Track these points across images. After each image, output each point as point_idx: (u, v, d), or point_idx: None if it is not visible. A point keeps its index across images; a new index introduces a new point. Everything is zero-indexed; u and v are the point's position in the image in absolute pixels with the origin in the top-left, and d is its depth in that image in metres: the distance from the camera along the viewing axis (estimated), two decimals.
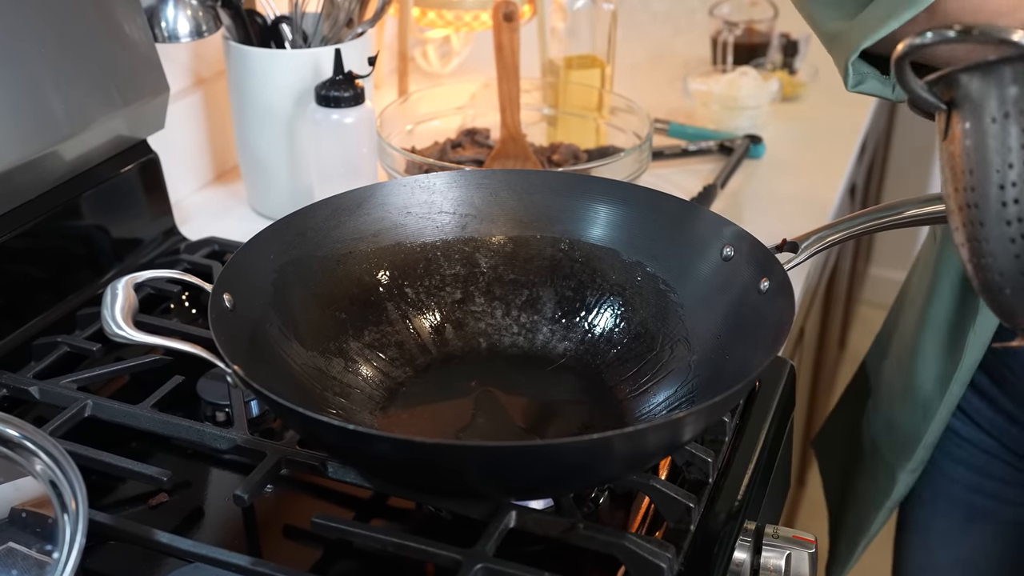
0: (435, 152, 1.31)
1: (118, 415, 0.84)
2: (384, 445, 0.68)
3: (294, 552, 0.76)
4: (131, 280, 0.80)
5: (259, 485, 0.76)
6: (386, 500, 0.80)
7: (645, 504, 0.79)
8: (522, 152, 1.29)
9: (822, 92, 1.69)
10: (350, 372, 0.86)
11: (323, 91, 1.14)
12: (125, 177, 1.08)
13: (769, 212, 1.31)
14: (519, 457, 0.67)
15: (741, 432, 0.86)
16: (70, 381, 0.87)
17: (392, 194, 0.93)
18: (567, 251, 0.94)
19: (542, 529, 0.71)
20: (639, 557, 0.68)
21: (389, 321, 0.90)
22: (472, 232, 0.94)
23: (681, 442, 0.74)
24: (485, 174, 0.96)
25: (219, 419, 0.87)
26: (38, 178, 0.98)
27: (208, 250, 1.10)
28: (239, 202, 1.31)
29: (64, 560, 0.64)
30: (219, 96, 1.33)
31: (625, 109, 1.35)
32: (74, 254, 1.04)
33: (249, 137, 1.24)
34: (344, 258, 0.90)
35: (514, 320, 0.93)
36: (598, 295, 0.92)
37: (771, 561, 0.80)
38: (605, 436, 0.68)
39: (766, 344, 0.76)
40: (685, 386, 0.84)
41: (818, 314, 1.80)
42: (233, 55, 1.20)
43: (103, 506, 0.77)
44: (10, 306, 0.96)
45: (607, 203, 0.93)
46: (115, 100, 1.03)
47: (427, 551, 0.69)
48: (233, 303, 0.79)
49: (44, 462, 0.66)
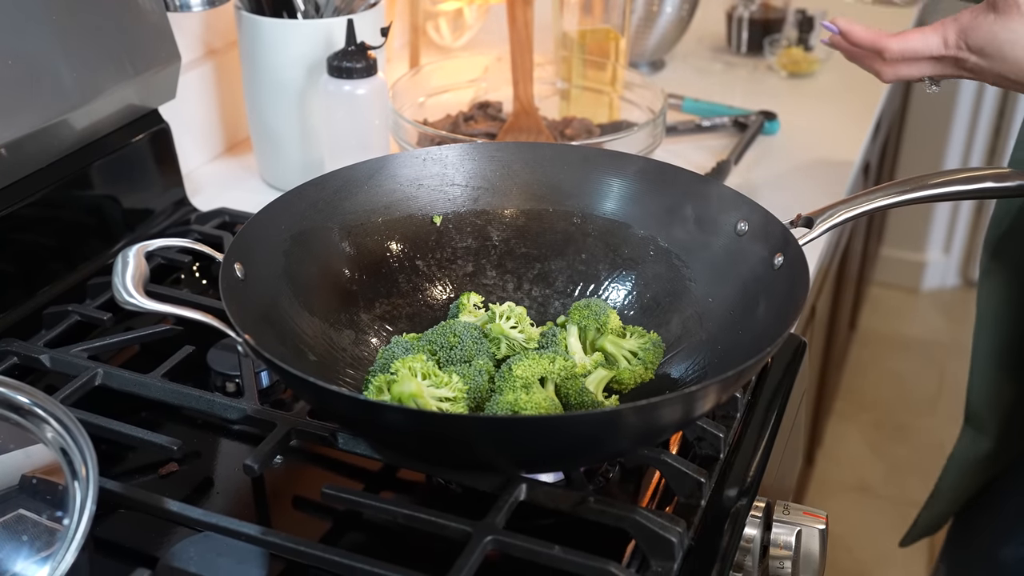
0: (447, 125, 1.30)
1: (128, 384, 0.84)
2: (395, 416, 0.68)
3: (304, 523, 0.76)
4: (142, 248, 0.79)
5: (269, 455, 0.76)
6: (396, 472, 0.80)
7: (656, 479, 0.78)
8: (535, 126, 1.28)
9: (837, 69, 1.67)
10: (361, 343, 0.86)
11: (335, 62, 1.14)
12: (136, 147, 1.08)
13: (783, 188, 1.30)
14: (530, 429, 0.66)
15: (753, 408, 0.86)
16: (81, 350, 0.87)
17: (404, 166, 0.92)
18: (579, 225, 0.93)
19: (552, 502, 0.71)
20: (650, 531, 0.68)
21: (400, 293, 0.90)
22: (484, 205, 0.94)
23: (693, 417, 0.74)
24: (498, 147, 0.95)
25: (229, 389, 0.87)
26: (48, 147, 0.97)
27: (219, 221, 1.10)
28: (250, 173, 1.30)
29: (75, 526, 0.64)
30: (231, 67, 1.33)
31: (639, 84, 1.34)
32: (85, 224, 1.04)
33: (260, 108, 1.23)
34: (355, 229, 0.90)
35: (525, 293, 0.93)
36: (610, 269, 0.92)
37: (781, 537, 0.80)
38: (616, 409, 0.68)
39: (779, 320, 0.76)
40: (697, 361, 0.83)
41: (829, 294, 1.79)
42: (245, 25, 1.19)
43: (113, 475, 0.77)
44: (21, 275, 0.96)
45: (620, 177, 0.93)
46: (126, 69, 1.03)
47: (437, 522, 0.69)
48: (244, 273, 0.78)
49: (55, 429, 0.66)
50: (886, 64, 0.84)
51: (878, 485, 2.33)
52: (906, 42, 0.81)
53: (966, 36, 0.79)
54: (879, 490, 2.32)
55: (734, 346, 0.81)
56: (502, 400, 0.75)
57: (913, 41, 0.81)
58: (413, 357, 0.77)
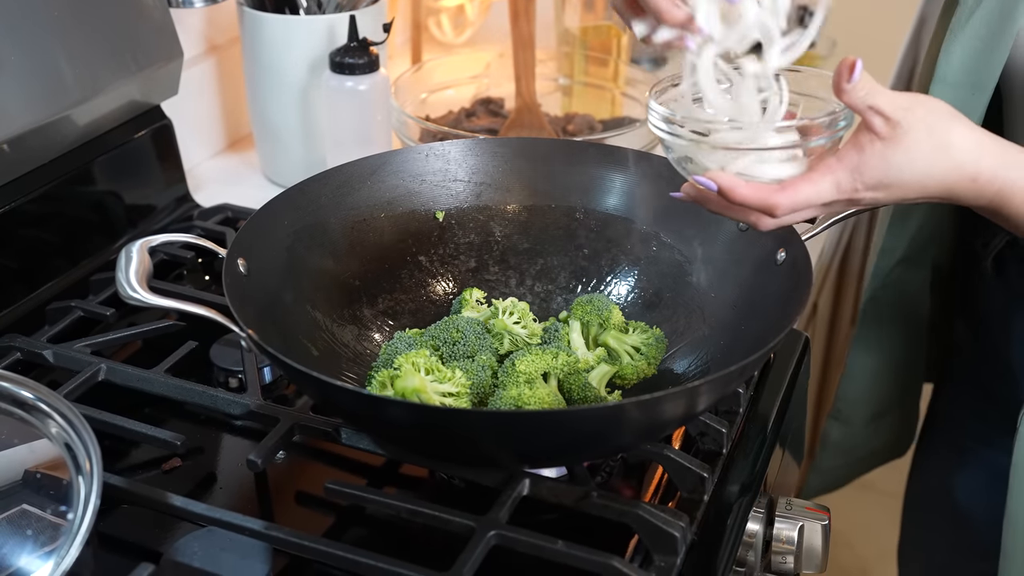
0: (449, 121, 1.30)
1: (132, 379, 0.84)
2: (398, 410, 0.68)
3: (307, 518, 0.76)
4: (146, 243, 0.79)
5: (272, 450, 0.76)
6: (399, 467, 0.80)
7: (658, 474, 0.78)
8: (537, 122, 1.28)
9: None
10: (363, 339, 0.86)
11: (337, 58, 1.13)
12: (138, 143, 1.08)
13: None
14: (533, 423, 0.66)
15: (755, 403, 0.86)
16: (84, 345, 0.87)
17: (406, 162, 0.93)
18: (582, 220, 0.93)
19: (556, 497, 0.71)
20: (652, 526, 0.68)
21: (403, 289, 0.90)
22: (487, 201, 0.94)
23: (696, 412, 0.74)
24: (500, 142, 0.95)
25: (232, 385, 0.87)
26: (51, 143, 0.97)
27: (221, 217, 1.10)
28: (252, 170, 1.30)
29: (78, 522, 0.64)
30: (233, 63, 1.33)
31: (641, 80, 1.34)
32: (87, 219, 1.04)
33: (263, 104, 1.23)
34: (358, 225, 0.90)
35: (528, 289, 0.93)
36: (613, 265, 0.92)
37: (784, 532, 0.80)
38: (619, 404, 0.68)
39: (782, 315, 0.76)
40: (700, 356, 0.83)
41: (831, 291, 1.79)
42: (247, 21, 1.19)
43: (117, 470, 0.77)
44: (24, 271, 0.96)
45: (623, 173, 0.93)
46: (128, 65, 1.03)
47: (440, 517, 0.69)
48: (247, 268, 0.79)
49: (59, 424, 0.66)
50: (770, 218, 0.73)
51: (880, 482, 2.33)
52: (796, 195, 0.70)
53: (860, 175, 0.70)
54: (881, 486, 2.32)
55: (736, 342, 0.81)
56: (505, 395, 0.76)
57: (804, 193, 0.70)
58: (416, 352, 0.78)
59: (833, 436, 1.25)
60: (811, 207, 0.72)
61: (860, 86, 0.69)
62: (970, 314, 1.12)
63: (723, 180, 0.70)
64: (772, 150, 0.71)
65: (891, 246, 1.09)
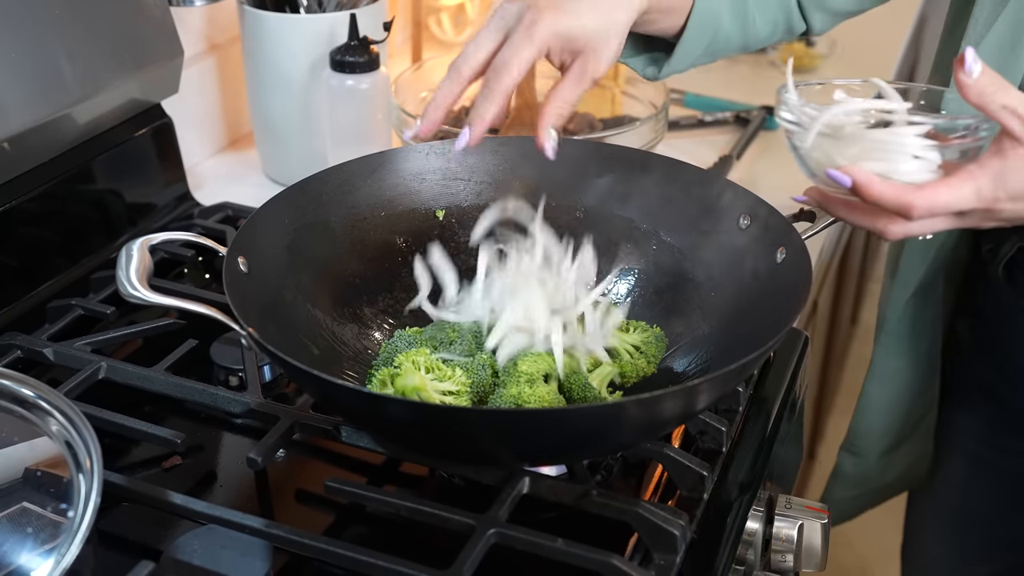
0: (450, 119, 1.30)
1: (132, 377, 0.84)
2: (398, 408, 0.68)
3: (307, 516, 0.76)
4: (146, 241, 0.80)
5: (272, 448, 0.76)
6: (399, 466, 0.80)
7: (658, 472, 0.78)
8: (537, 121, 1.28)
9: (839, 65, 1.67)
10: (364, 337, 0.86)
11: (338, 56, 1.14)
12: (138, 141, 1.08)
13: (785, 184, 1.29)
14: (533, 422, 0.66)
15: (755, 402, 0.86)
16: (84, 343, 0.87)
17: (407, 160, 0.93)
18: (582, 219, 0.93)
19: (555, 496, 0.71)
20: (652, 524, 0.68)
21: (403, 287, 0.90)
22: (487, 199, 0.94)
23: (695, 410, 0.74)
24: (500, 141, 0.95)
25: (232, 383, 0.87)
26: (51, 141, 0.97)
27: (222, 215, 1.10)
28: (253, 168, 1.30)
29: (79, 519, 0.64)
30: (233, 61, 1.33)
31: (641, 79, 1.34)
32: (87, 218, 1.04)
33: (263, 102, 1.23)
34: (358, 224, 0.90)
35: None
36: (612, 263, 0.92)
37: (783, 531, 0.80)
38: (619, 402, 0.68)
39: (782, 314, 0.76)
40: (700, 355, 0.84)
41: (831, 289, 1.79)
42: (248, 20, 1.19)
43: (117, 468, 0.77)
44: (24, 269, 0.96)
45: (623, 172, 0.93)
46: (128, 63, 1.03)
47: (440, 515, 0.69)
48: (248, 266, 0.79)
49: (59, 422, 0.66)
50: (902, 222, 0.68)
51: None
52: (935, 197, 0.65)
53: (1004, 182, 0.65)
54: None
55: (736, 340, 0.81)
56: (506, 394, 0.76)
57: (943, 196, 0.66)
58: (416, 351, 0.78)
59: (846, 468, 1.22)
60: (947, 213, 0.67)
61: (986, 82, 0.64)
62: (972, 314, 1.12)
63: (859, 175, 0.66)
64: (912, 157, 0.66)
65: (906, 279, 1.05)
